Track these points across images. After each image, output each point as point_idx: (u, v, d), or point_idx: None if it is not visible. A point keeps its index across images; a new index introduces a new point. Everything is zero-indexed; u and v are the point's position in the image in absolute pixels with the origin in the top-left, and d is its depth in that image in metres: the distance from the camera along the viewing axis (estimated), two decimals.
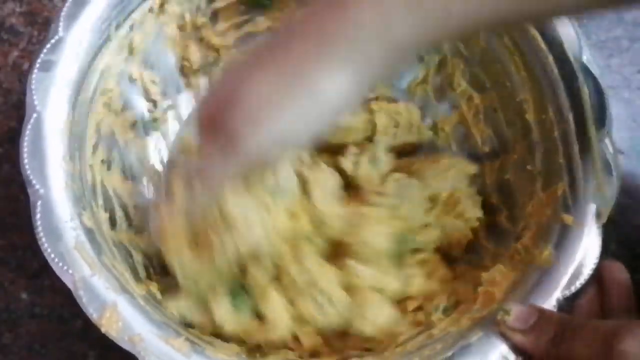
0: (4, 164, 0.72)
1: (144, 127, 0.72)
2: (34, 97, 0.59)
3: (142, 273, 0.64)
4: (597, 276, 0.61)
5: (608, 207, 0.58)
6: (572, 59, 0.62)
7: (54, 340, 0.68)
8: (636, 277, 0.62)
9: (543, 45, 0.63)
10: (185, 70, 0.73)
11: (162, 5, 0.68)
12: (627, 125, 0.75)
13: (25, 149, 0.57)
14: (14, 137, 0.59)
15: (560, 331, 0.53)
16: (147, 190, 0.71)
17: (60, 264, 0.55)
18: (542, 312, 0.55)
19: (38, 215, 0.56)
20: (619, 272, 0.61)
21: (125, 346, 0.54)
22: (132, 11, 0.65)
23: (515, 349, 0.55)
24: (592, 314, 0.60)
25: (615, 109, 0.73)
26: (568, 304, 0.58)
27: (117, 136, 0.68)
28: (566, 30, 0.62)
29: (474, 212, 0.68)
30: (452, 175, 0.68)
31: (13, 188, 0.58)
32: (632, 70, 0.77)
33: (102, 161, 0.66)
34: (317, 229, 0.63)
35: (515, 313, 0.55)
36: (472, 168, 0.69)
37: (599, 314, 0.60)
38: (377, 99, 0.73)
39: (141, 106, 0.71)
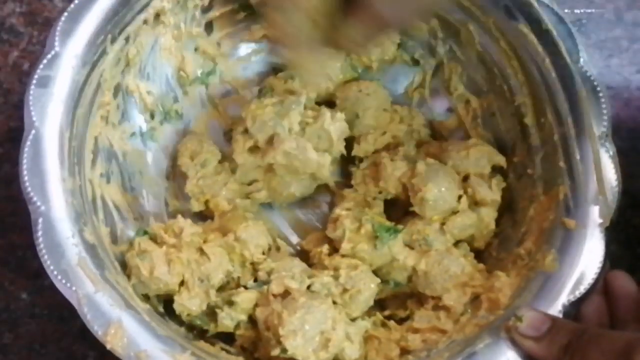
0: (4, 164, 0.72)
1: (142, 138, 0.71)
2: (32, 113, 0.59)
3: None
4: (604, 286, 0.61)
5: (610, 209, 0.58)
6: (568, 61, 0.62)
7: (54, 340, 0.69)
8: (636, 277, 0.61)
9: (540, 48, 0.63)
10: (182, 81, 0.73)
11: (157, 17, 0.68)
12: (626, 125, 0.75)
13: (25, 166, 0.57)
14: (14, 137, 0.59)
15: (574, 340, 0.53)
16: (147, 201, 0.71)
17: (64, 281, 0.55)
18: (555, 320, 0.55)
19: (39, 233, 0.56)
20: (627, 282, 0.61)
21: None
22: (127, 24, 0.65)
23: (526, 356, 0.55)
24: (600, 325, 0.60)
25: (615, 109, 0.74)
26: (573, 310, 0.58)
27: (115, 148, 0.68)
28: (562, 32, 0.62)
29: (494, 197, 0.66)
30: (477, 156, 0.67)
31: (13, 188, 0.58)
32: (632, 70, 0.77)
33: (101, 174, 0.66)
34: None
35: (528, 319, 0.55)
36: (500, 159, 0.68)
37: (608, 325, 0.60)
38: None
39: (139, 117, 0.71)
